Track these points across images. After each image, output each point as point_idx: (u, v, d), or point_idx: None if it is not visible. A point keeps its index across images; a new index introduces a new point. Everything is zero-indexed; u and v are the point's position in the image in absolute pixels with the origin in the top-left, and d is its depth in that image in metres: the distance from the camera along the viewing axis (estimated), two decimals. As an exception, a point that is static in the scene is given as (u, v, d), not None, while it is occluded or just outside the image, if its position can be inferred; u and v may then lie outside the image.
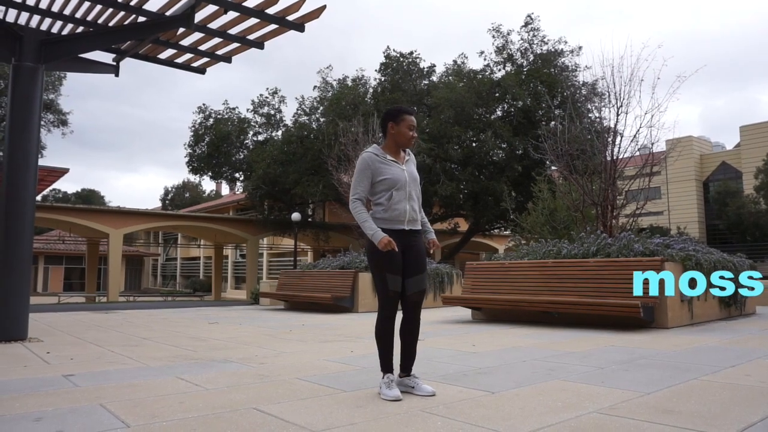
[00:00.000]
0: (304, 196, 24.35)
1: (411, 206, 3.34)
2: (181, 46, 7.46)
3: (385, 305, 3.25)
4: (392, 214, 3.29)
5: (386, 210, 3.30)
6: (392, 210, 3.29)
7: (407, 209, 3.32)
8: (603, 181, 9.33)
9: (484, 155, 22.40)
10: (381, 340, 3.26)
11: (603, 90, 10.24)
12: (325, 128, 22.68)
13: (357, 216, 3.33)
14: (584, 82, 21.27)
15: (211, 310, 12.50)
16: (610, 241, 7.70)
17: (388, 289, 3.23)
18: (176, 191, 63.59)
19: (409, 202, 3.33)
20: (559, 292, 7.32)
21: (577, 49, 23.71)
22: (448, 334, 6.45)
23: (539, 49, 23.94)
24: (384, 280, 3.23)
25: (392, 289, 3.23)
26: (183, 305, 15.49)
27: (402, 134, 3.39)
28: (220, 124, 27.08)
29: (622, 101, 9.32)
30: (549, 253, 8.26)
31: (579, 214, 10.00)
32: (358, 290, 10.78)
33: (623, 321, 6.74)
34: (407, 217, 3.32)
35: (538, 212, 12.90)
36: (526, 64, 24.26)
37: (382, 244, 3.19)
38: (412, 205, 3.34)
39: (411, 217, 3.34)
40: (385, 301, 3.25)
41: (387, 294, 3.23)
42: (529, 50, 24.11)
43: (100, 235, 26.61)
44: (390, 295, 3.23)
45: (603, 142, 9.57)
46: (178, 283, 46.78)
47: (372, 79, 25.77)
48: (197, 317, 9.95)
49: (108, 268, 25.22)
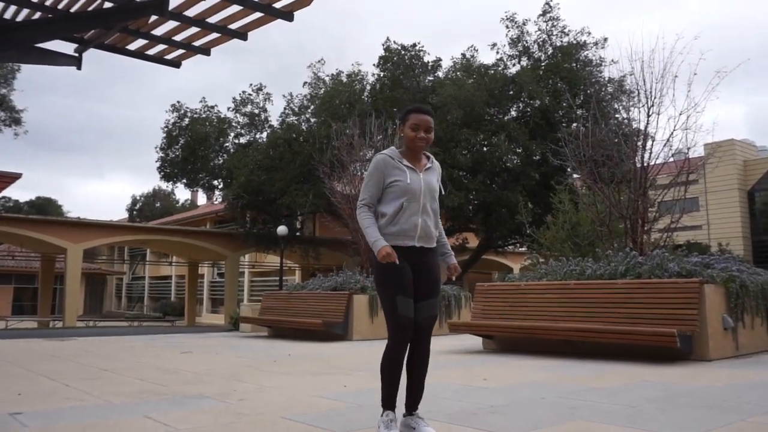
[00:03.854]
0: (291, 207, 24.35)
1: (424, 221, 3.33)
2: (153, 36, 7.49)
3: (396, 333, 3.23)
4: (402, 227, 3.29)
5: (394, 222, 3.29)
6: (402, 223, 3.28)
7: (419, 224, 3.31)
8: (632, 191, 9.34)
9: (497, 161, 22.45)
10: (387, 371, 3.23)
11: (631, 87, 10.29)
12: (316, 130, 22.73)
13: (361, 222, 3.33)
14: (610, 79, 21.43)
15: (184, 337, 12.42)
16: (640, 260, 7.68)
17: (398, 313, 3.21)
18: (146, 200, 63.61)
19: (422, 216, 3.32)
20: (583, 318, 7.29)
21: (602, 40, 23.91)
22: (456, 366, 6.41)
23: (559, 41, 24.10)
24: (394, 303, 3.22)
25: (403, 314, 3.21)
26: (151, 331, 15.41)
27: (406, 135, 3.40)
28: (197, 124, 27.16)
29: (653, 100, 9.35)
30: (571, 273, 8.24)
31: (605, 229, 9.99)
32: (353, 315, 10.72)
33: (657, 352, 6.71)
34: (419, 232, 3.31)
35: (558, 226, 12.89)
36: (545, 57, 24.40)
37: (381, 254, 3.19)
38: (425, 220, 3.33)
39: (424, 234, 3.33)
40: (395, 327, 3.23)
41: (398, 320, 3.21)
42: (548, 42, 24.27)
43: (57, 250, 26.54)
44: (401, 321, 3.21)
45: (632, 147, 9.58)
46: (145, 306, 46.59)
47: (370, 74, 25.92)
48: (167, 345, 9.88)
49: (65, 288, 25.12)
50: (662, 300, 6.75)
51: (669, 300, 6.74)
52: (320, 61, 26.63)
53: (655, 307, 6.75)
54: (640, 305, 6.89)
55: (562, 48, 23.79)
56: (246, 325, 13.93)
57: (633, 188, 9.34)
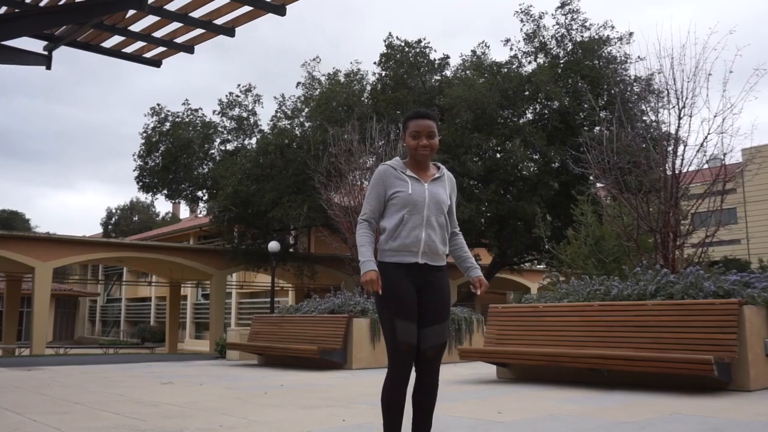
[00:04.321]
0: (284, 221, 24.35)
1: (428, 235, 3.33)
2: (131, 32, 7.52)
3: (395, 361, 3.22)
4: (403, 242, 3.29)
5: (395, 237, 3.30)
6: (403, 237, 3.29)
7: (422, 238, 3.31)
8: (662, 201, 9.33)
9: (512, 169, 22.46)
10: (388, 406, 3.23)
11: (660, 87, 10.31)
12: (311, 135, 22.80)
13: (357, 239, 3.36)
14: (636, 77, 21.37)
15: (165, 365, 12.39)
16: (672, 279, 7.66)
17: (397, 339, 3.19)
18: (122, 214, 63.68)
19: (426, 230, 3.32)
20: (609, 343, 7.27)
21: (627, 35, 23.99)
22: (467, 398, 6.38)
23: (579, 35, 24.21)
24: (392, 328, 3.21)
25: (403, 340, 3.20)
26: (128, 359, 15.37)
27: (407, 144, 3.44)
28: (179, 129, 27.26)
29: (684, 101, 9.38)
30: (595, 293, 8.22)
31: (632, 244, 9.97)
32: (352, 341, 10.70)
33: (692, 381, 6.68)
34: (422, 248, 3.31)
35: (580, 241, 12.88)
36: (563, 54, 24.49)
37: (363, 278, 3.21)
38: (429, 234, 3.33)
39: (428, 249, 3.33)
40: (394, 355, 3.22)
41: (397, 347, 3.20)
42: (567, 37, 24.38)
43: (23, 269, 26.54)
44: (401, 348, 3.20)
45: (662, 153, 9.59)
46: (122, 332, 46.51)
47: (370, 73, 26.05)
48: (146, 375, 9.86)
49: (32, 311, 25.09)
50: (697, 323, 6.71)
51: (704, 323, 6.70)
52: (315, 59, 26.77)
53: (689, 332, 6.71)
54: (672, 329, 6.86)
55: (582, 43, 23.89)
56: (233, 353, 13.90)
57: (663, 198, 9.33)
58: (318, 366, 10.73)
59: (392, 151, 13.79)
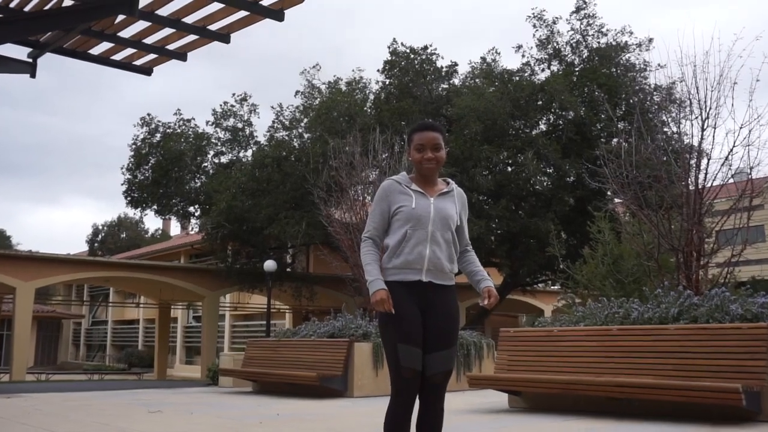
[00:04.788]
0: (281, 238, 24.38)
1: (433, 251, 3.33)
2: (121, 39, 7.57)
3: (399, 389, 3.22)
4: (406, 259, 3.30)
5: (397, 253, 3.31)
6: (406, 254, 3.30)
7: (426, 254, 3.31)
8: (685, 218, 9.32)
9: (524, 183, 22.48)
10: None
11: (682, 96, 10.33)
12: (311, 147, 22.87)
13: (361, 258, 3.38)
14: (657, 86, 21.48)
15: (153, 392, 12.35)
16: (696, 301, 7.64)
17: (401, 365, 3.19)
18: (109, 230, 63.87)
19: (430, 246, 3.33)
20: (628, 370, 7.23)
21: (647, 41, 24.10)
22: (476, 429, 6.35)
23: (596, 42, 24.32)
24: (395, 353, 3.21)
25: (406, 366, 3.19)
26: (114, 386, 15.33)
27: (412, 158, 3.46)
28: (171, 140, 27.37)
29: (708, 111, 9.38)
30: (613, 316, 8.19)
31: (653, 264, 9.95)
32: (354, 367, 10.66)
33: (718, 411, 6.63)
34: (426, 265, 3.31)
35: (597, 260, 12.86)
36: (579, 61, 24.58)
37: (374, 298, 3.22)
38: (434, 251, 3.33)
39: (433, 266, 3.33)
40: (397, 382, 3.22)
41: (400, 373, 3.20)
42: (582, 44, 24.49)
43: (3, 289, 26.56)
44: (404, 374, 3.20)
45: (684, 166, 9.59)
46: (108, 356, 46.42)
47: (373, 82, 26.20)
48: (133, 403, 9.83)
49: (13, 334, 25.08)
50: (723, 349, 6.68)
51: (731, 349, 6.67)
52: (315, 67, 26.93)
53: (714, 358, 6.68)
54: (696, 355, 6.83)
55: (599, 50, 23.99)
56: (226, 379, 13.86)
57: (686, 215, 9.32)
58: (317, 394, 10.68)
59: (396, 165, 13.82)
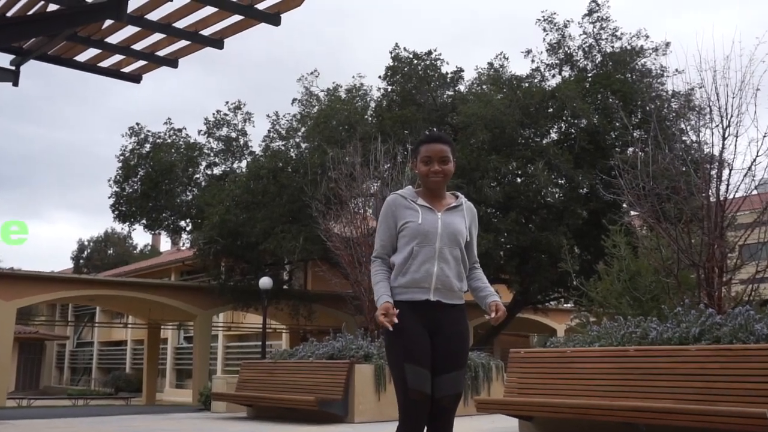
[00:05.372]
0: (277, 254, 24.39)
1: (441, 269, 3.34)
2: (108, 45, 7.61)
3: (407, 413, 3.22)
4: (413, 277, 3.32)
5: (404, 272, 3.33)
6: (413, 272, 3.31)
7: (434, 272, 3.32)
8: (706, 232, 9.31)
9: (534, 195, 22.47)
10: None
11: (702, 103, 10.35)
12: (309, 158, 22.93)
13: (372, 278, 3.43)
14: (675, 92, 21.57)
15: (142, 419, 12.32)
16: (719, 320, 7.61)
17: (408, 387, 3.19)
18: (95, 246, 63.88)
19: (438, 263, 3.34)
20: (647, 394, 7.19)
21: (664, 45, 24.14)
22: (486, 457, 6.32)
23: (609, 46, 24.39)
24: (402, 374, 3.21)
25: (414, 388, 3.20)
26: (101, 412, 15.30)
27: (419, 171, 3.49)
28: (161, 151, 27.44)
29: (729, 119, 9.39)
30: (630, 336, 8.17)
31: (672, 280, 9.93)
32: (355, 390, 10.64)
33: (742, 437, 6.59)
34: (434, 283, 3.32)
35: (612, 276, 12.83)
36: (592, 67, 24.64)
37: (378, 311, 3.24)
38: (442, 268, 3.34)
39: (442, 285, 3.34)
40: (405, 406, 3.22)
41: (408, 395, 3.20)
42: (595, 48, 24.56)
43: (-16, 309, 26.54)
44: (412, 396, 3.20)
45: (704, 177, 9.59)
46: (93, 380, 46.26)
47: (374, 88, 26.26)
48: (120, 430, 9.80)
49: (-6, 357, 25.02)
50: (747, 371, 6.63)
51: (756, 371, 6.63)
52: (313, 73, 27.00)
53: (738, 381, 6.64)
54: (719, 378, 6.79)
55: (613, 55, 24.05)
56: (219, 404, 13.81)
57: (707, 229, 9.31)
58: (315, 419, 10.65)
59: (399, 176, 13.82)
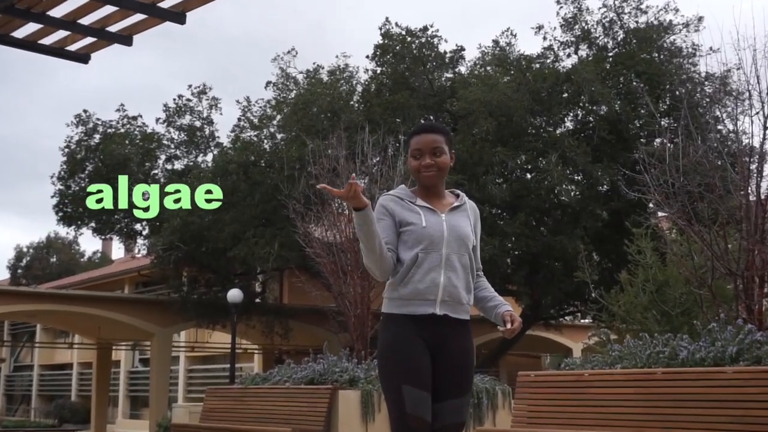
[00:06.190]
0: (248, 262, 24.32)
1: (448, 279, 3.35)
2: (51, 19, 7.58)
3: None
4: (416, 288, 3.31)
5: (405, 281, 3.32)
6: (416, 282, 3.31)
7: (440, 282, 3.33)
8: (745, 236, 9.35)
9: (546, 194, 22.50)
10: None
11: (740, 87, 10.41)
12: (285, 150, 22.89)
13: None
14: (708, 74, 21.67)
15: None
16: (760, 337, 7.64)
17: (405, 412, 3.20)
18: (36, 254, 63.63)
19: (445, 272, 3.34)
20: (676, 422, 7.22)
21: (696, 20, 24.17)
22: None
23: (633, 21, 24.46)
24: (399, 397, 3.22)
25: (413, 414, 3.20)
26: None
27: (410, 167, 3.51)
28: (112, 142, 27.31)
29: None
30: (657, 356, 8.19)
31: (706, 292, 9.96)
32: (338, 420, 10.62)
33: (786, 473, 6.63)
34: (440, 295, 3.33)
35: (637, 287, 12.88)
36: (613, 45, 24.71)
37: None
38: (450, 278, 3.35)
39: (450, 297, 3.35)
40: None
41: (405, 422, 3.21)
42: (617, 23, 24.60)
43: None
44: (411, 423, 3.21)
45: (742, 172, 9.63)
46: (33, 409, 46.14)
47: (361, 70, 26.22)
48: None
49: None
50: (792, 396, 6.69)
51: (802, 396, 6.68)
52: (291, 52, 26.91)
53: (782, 407, 6.68)
54: (759, 404, 6.81)
55: (637, 31, 24.11)
56: (181, 437, 13.82)
57: (745, 232, 9.35)
58: (293, 454, 10.66)
59: (390, 171, 13.81)
